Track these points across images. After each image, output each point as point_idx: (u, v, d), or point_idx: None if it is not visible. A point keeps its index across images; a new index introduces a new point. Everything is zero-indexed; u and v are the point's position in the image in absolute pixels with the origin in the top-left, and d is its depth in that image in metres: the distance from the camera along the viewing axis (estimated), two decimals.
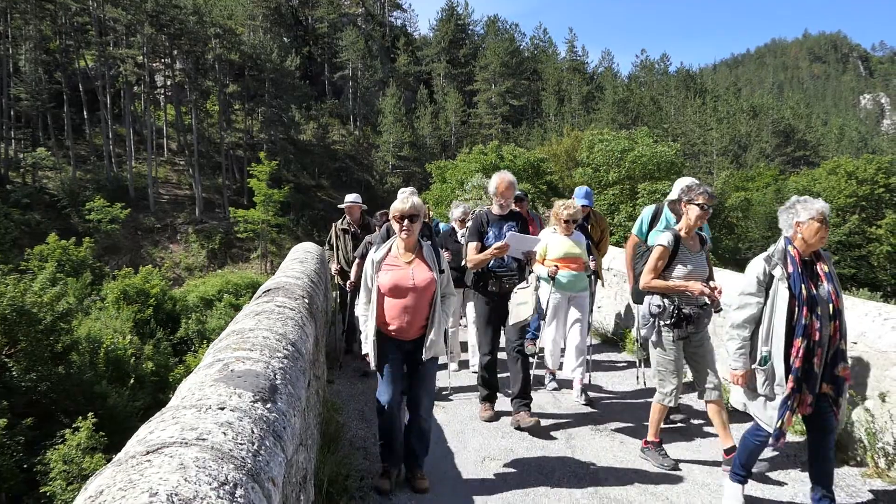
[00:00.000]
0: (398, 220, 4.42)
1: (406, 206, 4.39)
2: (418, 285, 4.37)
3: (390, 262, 4.43)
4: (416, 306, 4.38)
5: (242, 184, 57.89)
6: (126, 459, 1.79)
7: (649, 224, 6.21)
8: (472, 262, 5.72)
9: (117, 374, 12.55)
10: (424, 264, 4.46)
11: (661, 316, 4.85)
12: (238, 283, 27.32)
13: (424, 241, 4.63)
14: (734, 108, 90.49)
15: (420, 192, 40.98)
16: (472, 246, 5.75)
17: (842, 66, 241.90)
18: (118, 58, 56.15)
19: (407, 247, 4.49)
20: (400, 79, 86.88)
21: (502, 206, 5.81)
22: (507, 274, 5.72)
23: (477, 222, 5.83)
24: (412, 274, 4.39)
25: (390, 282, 4.35)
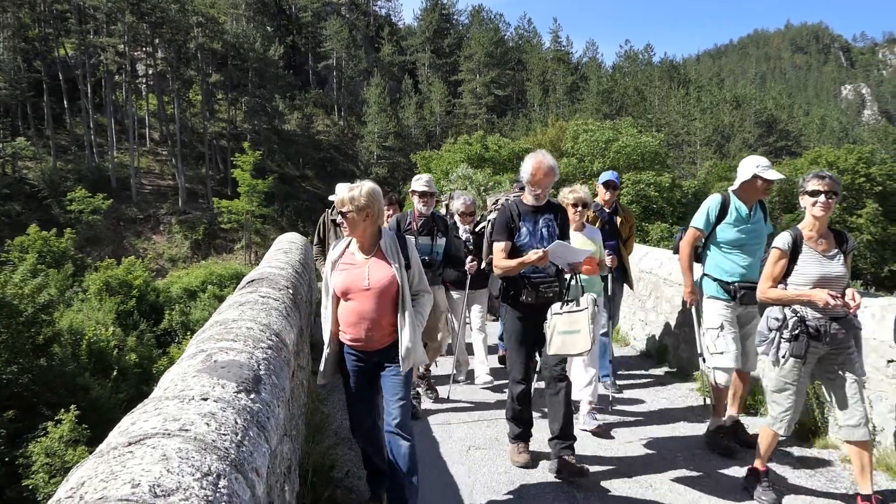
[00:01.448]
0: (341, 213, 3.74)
1: (345, 196, 3.68)
2: (375, 286, 3.66)
3: (346, 260, 3.78)
4: (377, 311, 3.68)
5: (226, 174, 57.53)
6: (108, 451, 1.77)
7: (717, 216, 5.12)
8: (499, 268, 4.60)
9: (100, 366, 12.48)
10: (383, 261, 3.73)
11: (781, 330, 4.08)
12: (222, 273, 27.16)
13: (387, 232, 3.91)
14: (717, 99, 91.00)
15: (405, 182, 40.96)
16: (500, 247, 4.61)
17: (823, 57, 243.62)
18: (99, 46, 55.50)
19: (361, 244, 3.79)
20: (384, 69, 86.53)
21: (538, 196, 4.64)
22: (545, 281, 4.64)
23: (504, 216, 4.68)
24: (367, 273, 3.68)
25: (342, 284, 3.70)
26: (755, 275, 4.82)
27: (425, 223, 6.04)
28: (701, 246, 5.26)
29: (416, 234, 5.93)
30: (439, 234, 6.05)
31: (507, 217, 4.67)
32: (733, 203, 5.06)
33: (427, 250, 5.91)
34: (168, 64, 59.27)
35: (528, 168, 4.58)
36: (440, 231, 6.08)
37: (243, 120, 65.23)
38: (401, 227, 5.93)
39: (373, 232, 3.77)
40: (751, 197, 5.02)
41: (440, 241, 6.06)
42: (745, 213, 5.02)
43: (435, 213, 6.23)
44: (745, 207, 5.02)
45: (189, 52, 60.27)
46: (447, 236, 6.14)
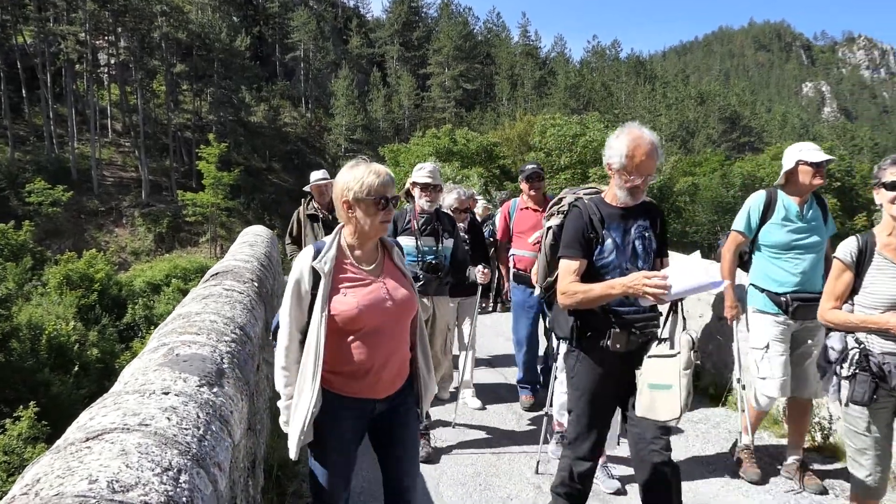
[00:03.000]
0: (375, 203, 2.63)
1: (385, 181, 2.66)
2: (399, 308, 2.72)
3: (346, 273, 2.68)
4: (398, 341, 2.76)
5: (191, 166, 56.71)
6: (65, 446, 1.74)
7: (761, 216, 4.35)
8: (571, 297, 3.17)
9: (61, 362, 12.26)
10: (398, 272, 2.82)
11: (840, 364, 3.27)
12: (187, 267, 26.82)
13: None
14: (682, 95, 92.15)
15: None
16: (571, 267, 3.22)
17: (785, 55, 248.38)
18: (59, 34, 54.21)
19: (367, 250, 2.76)
20: (352, 61, 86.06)
21: (634, 189, 3.21)
22: (641, 319, 3.25)
23: (579, 222, 3.27)
24: (386, 290, 2.71)
25: (358, 308, 2.60)
26: (814, 285, 4.18)
27: (428, 221, 5.10)
28: (747, 252, 4.53)
29: (417, 234, 5.04)
30: (445, 235, 5.14)
31: (582, 224, 3.25)
32: (780, 200, 4.33)
33: (431, 253, 5.05)
34: (131, 53, 58.12)
35: (621, 147, 3.16)
36: (446, 231, 5.19)
37: (208, 111, 64.29)
38: (398, 226, 5.02)
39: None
40: (801, 190, 4.30)
41: (447, 242, 5.14)
42: (796, 211, 4.28)
43: (439, 209, 5.31)
44: (794, 204, 4.28)
45: (153, 42, 59.14)
46: (455, 237, 5.24)
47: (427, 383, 2.92)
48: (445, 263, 5.10)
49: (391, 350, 2.71)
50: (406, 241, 4.94)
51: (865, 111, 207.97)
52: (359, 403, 2.70)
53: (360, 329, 2.62)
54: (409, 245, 4.92)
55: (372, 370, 2.65)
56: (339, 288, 2.63)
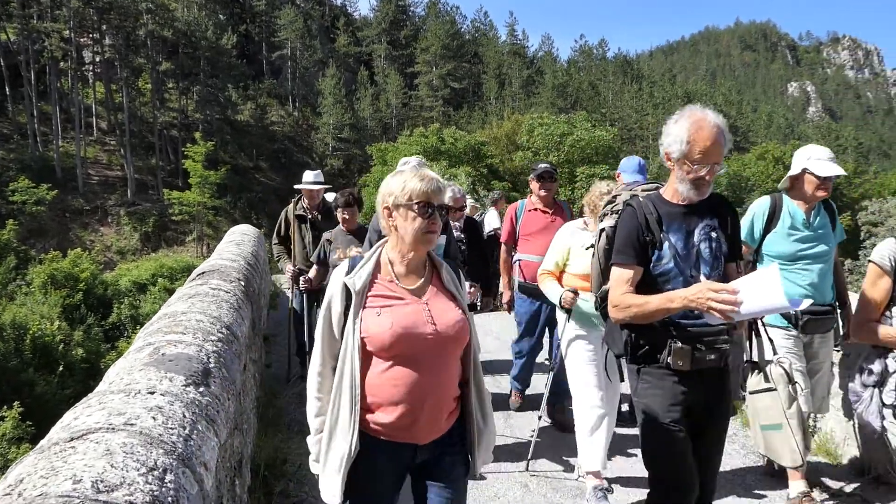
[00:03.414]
0: (417, 210, 2.27)
1: (430, 187, 2.29)
2: (444, 332, 2.30)
3: (382, 291, 2.33)
4: (444, 374, 2.33)
5: (177, 165, 56.36)
6: (49, 446, 1.73)
7: (765, 224, 4.07)
8: (626, 309, 2.77)
9: (45, 362, 12.15)
10: (444, 293, 2.41)
11: (879, 388, 2.99)
12: (173, 266, 26.60)
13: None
14: (669, 94, 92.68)
15: (360, 174, 40.53)
16: (624, 276, 2.81)
17: (771, 55, 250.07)
18: (42, 32, 53.66)
19: (410, 266, 2.38)
20: (340, 60, 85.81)
21: (698, 182, 2.72)
22: (709, 332, 2.77)
23: (631, 224, 2.84)
24: (429, 312, 2.32)
25: (394, 331, 2.24)
26: (824, 296, 3.98)
27: None
28: (751, 262, 4.21)
29: None
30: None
31: (636, 225, 2.80)
32: (786, 206, 4.04)
33: None
34: (116, 51, 57.64)
35: (680, 132, 2.69)
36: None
37: (195, 110, 63.90)
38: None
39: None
40: (806, 198, 4.02)
41: (439, 239, 4.93)
42: (803, 219, 4.00)
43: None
44: (801, 211, 4.01)
45: (138, 40, 58.69)
46: (447, 233, 4.85)
47: (482, 430, 2.42)
48: None
49: (432, 385, 2.27)
50: None
51: (850, 111, 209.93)
52: (395, 448, 2.29)
53: (393, 357, 2.24)
54: None
55: (407, 408, 2.24)
56: (373, 307, 2.27)
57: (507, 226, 5.86)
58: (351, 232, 5.86)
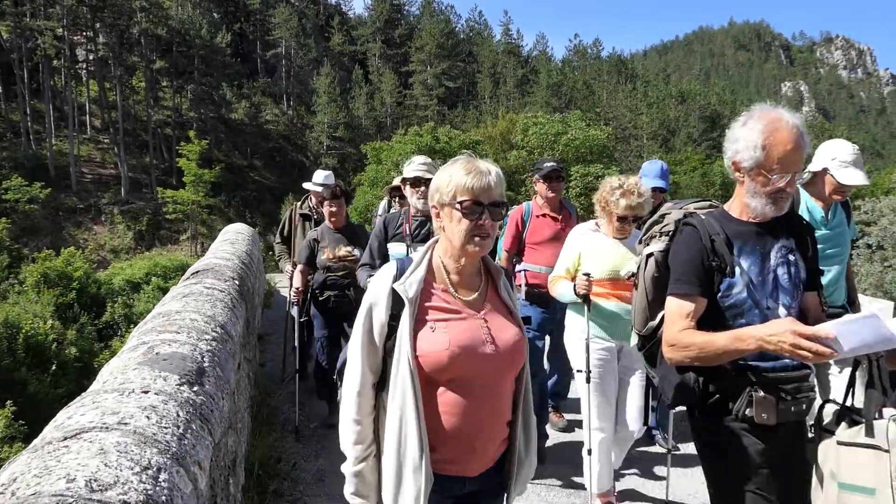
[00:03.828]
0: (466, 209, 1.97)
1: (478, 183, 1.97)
2: (503, 353, 2.04)
3: (437, 302, 2.05)
4: (499, 399, 2.08)
5: (171, 163, 56.19)
6: (42, 445, 1.73)
7: None
8: (685, 349, 2.31)
9: (38, 361, 12.09)
10: (502, 305, 2.15)
11: None
12: (167, 265, 26.54)
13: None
14: (663, 94, 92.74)
15: (355, 173, 40.42)
16: (684, 309, 2.36)
17: (764, 55, 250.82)
18: (36, 30, 53.44)
19: (465, 273, 2.10)
20: (334, 58, 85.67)
21: (777, 195, 2.30)
22: (791, 378, 2.33)
23: (695, 246, 2.39)
24: (488, 329, 2.05)
25: (452, 350, 1.96)
26: (838, 298, 3.77)
27: (422, 225, 4.41)
28: None
29: (408, 239, 4.40)
30: None
31: (700, 248, 2.36)
32: (804, 203, 3.72)
33: None
34: (110, 49, 57.42)
35: (753, 137, 2.27)
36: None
37: (189, 108, 63.74)
38: (388, 231, 4.47)
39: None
40: (824, 197, 3.73)
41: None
42: (821, 217, 3.71)
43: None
44: (819, 209, 3.72)
45: (132, 38, 58.51)
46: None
47: (522, 460, 2.15)
48: None
49: (490, 411, 2.03)
50: (396, 249, 4.41)
51: (843, 111, 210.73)
52: (445, 482, 2.01)
53: (449, 381, 1.97)
54: (399, 253, 4.34)
55: (463, 439, 1.99)
56: (427, 320, 1.99)
57: (512, 232, 5.12)
58: (339, 230, 5.56)
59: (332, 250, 5.39)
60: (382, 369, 2.03)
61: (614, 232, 3.90)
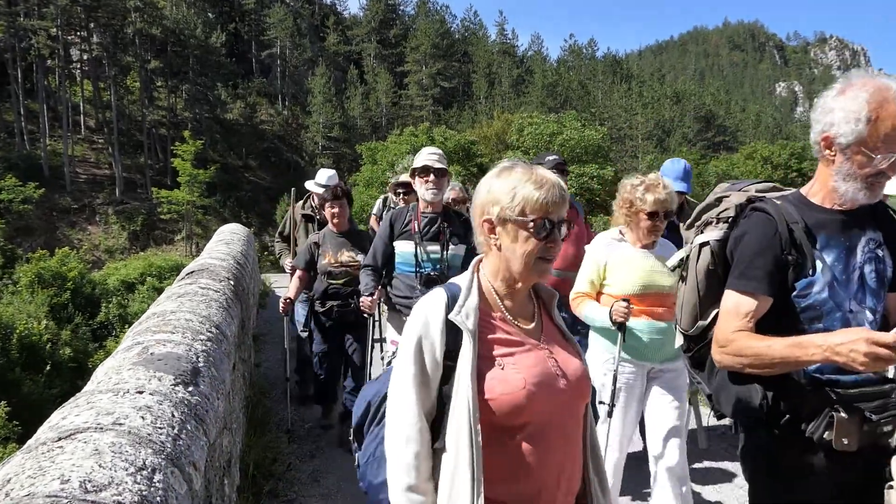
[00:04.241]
0: (536, 227, 1.69)
1: (551, 197, 1.70)
2: (575, 388, 1.75)
3: (498, 333, 1.74)
4: (572, 440, 1.77)
5: (166, 163, 56.11)
6: (36, 446, 1.72)
7: None
8: (738, 355, 1.99)
9: (32, 361, 12.07)
10: (559, 333, 1.87)
11: None
12: (162, 265, 26.49)
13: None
14: (658, 94, 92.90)
15: (350, 173, 40.47)
16: (741, 306, 2.04)
17: (759, 55, 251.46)
18: (30, 29, 53.28)
19: (518, 298, 1.81)
20: (329, 58, 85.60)
21: (875, 179, 1.95)
22: (874, 395, 1.94)
23: (768, 234, 2.05)
24: (555, 362, 1.76)
25: (529, 389, 1.65)
26: None
27: (432, 222, 4.11)
28: None
29: (418, 237, 4.07)
30: (454, 240, 4.10)
31: (774, 237, 2.04)
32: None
33: (433, 263, 4.06)
34: (104, 49, 57.28)
35: (856, 107, 1.92)
36: (456, 234, 4.12)
37: (184, 108, 63.61)
38: (395, 228, 4.16)
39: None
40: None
41: (455, 248, 4.10)
42: None
43: (448, 207, 4.39)
44: None
45: (126, 38, 58.36)
46: (466, 241, 4.11)
47: (601, 502, 1.83)
48: (451, 276, 3.38)
49: (566, 456, 1.71)
50: (404, 247, 4.12)
51: None
52: None
53: (523, 425, 1.63)
54: (406, 252, 4.10)
55: (541, 491, 1.66)
56: (491, 356, 1.67)
57: None
58: (342, 233, 5.12)
59: (334, 255, 5.02)
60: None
61: (642, 239, 3.50)
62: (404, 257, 4.14)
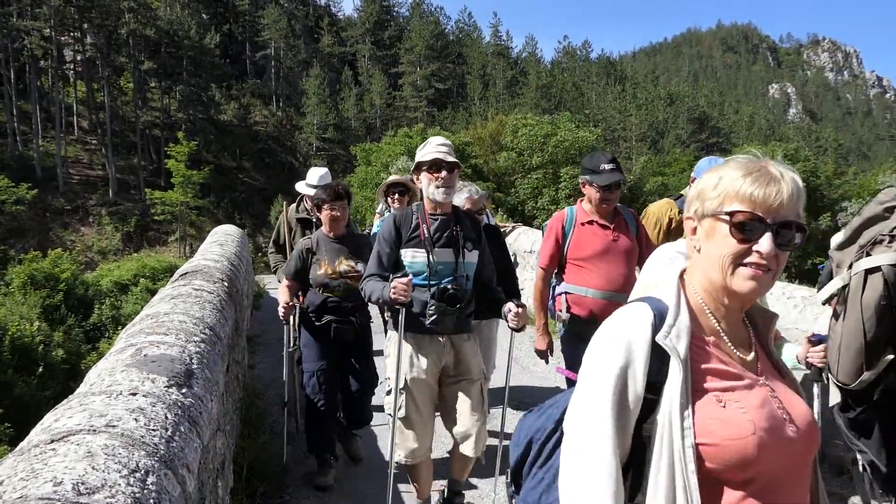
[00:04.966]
0: (737, 226, 1.32)
1: (768, 190, 1.31)
2: (805, 435, 1.36)
3: (713, 363, 1.35)
4: (803, 497, 1.39)
5: (160, 164, 55.92)
6: (29, 448, 1.72)
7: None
8: None
9: (25, 363, 12.02)
10: (775, 366, 1.48)
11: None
12: (155, 266, 26.44)
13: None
14: (652, 95, 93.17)
15: (344, 174, 40.53)
16: None
17: (752, 57, 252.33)
18: (22, 30, 53.09)
19: (731, 319, 1.43)
20: (324, 59, 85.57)
21: None
22: None
23: None
24: (780, 403, 1.37)
25: (759, 435, 1.27)
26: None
27: (444, 225, 3.56)
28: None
29: (428, 244, 3.51)
30: (468, 245, 3.57)
31: None
32: None
33: (448, 274, 3.49)
34: (98, 50, 57.09)
35: None
36: (470, 239, 3.60)
37: (177, 109, 63.48)
38: (401, 234, 3.56)
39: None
40: None
41: (470, 256, 3.57)
42: None
43: (458, 208, 3.84)
44: None
45: (120, 39, 58.19)
46: (481, 247, 3.64)
47: None
48: (468, 287, 3.52)
49: None
50: (413, 256, 3.53)
51: (830, 112, 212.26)
52: None
53: (747, 480, 1.29)
54: (417, 261, 3.52)
55: None
56: (707, 390, 1.32)
57: (550, 244, 4.03)
58: (339, 238, 4.42)
59: (331, 264, 4.31)
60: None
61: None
62: (414, 267, 3.51)
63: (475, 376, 3.57)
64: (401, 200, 5.33)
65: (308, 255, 4.41)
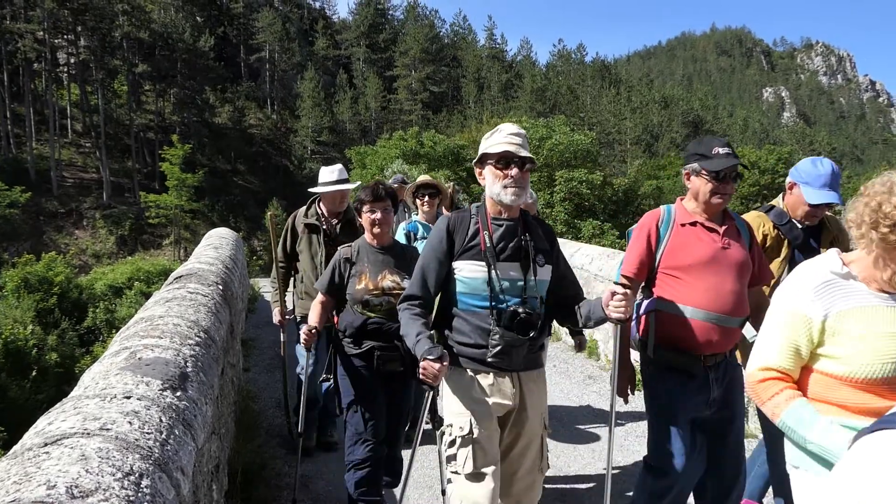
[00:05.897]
0: None
1: None
2: None
3: None
4: None
5: (154, 167, 55.90)
6: (22, 452, 1.71)
7: None
8: None
9: (18, 366, 11.98)
10: None
11: None
12: (150, 270, 26.38)
13: None
14: (647, 99, 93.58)
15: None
16: None
17: (746, 60, 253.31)
18: (16, 33, 52.97)
19: None
20: (318, 62, 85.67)
21: None
22: None
23: None
24: None
25: None
26: None
27: (510, 233, 2.79)
28: None
29: (490, 255, 2.73)
30: (540, 258, 2.81)
31: None
32: None
33: (516, 294, 2.73)
34: (91, 53, 56.98)
35: None
36: (542, 251, 2.84)
37: (172, 112, 63.45)
38: (455, 242, 2.80)
39: None
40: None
41: (542, 270, 2.81)
42: None
43: (526, 213, 2.92)
44: None
45: (114, 41, 58.12)
46: (555, 262, 2.89)
47: None
48: (541, 312, 2.79)
49: None
50: (470, 271, 2.74)
51: (823, 116, 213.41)
52: None
53: None
54: (475, 277, 2.73)
55: None
56: None
57: (640, 247, 3.07)
58: (384, 248, 3.67)
59: (374, 278, 3.57)
60: None
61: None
62: (472, 285, 2.74)
63: (538, 428, 2.83)
64: (430, 203, 4.97)
65: (347, 267, 3.64)
